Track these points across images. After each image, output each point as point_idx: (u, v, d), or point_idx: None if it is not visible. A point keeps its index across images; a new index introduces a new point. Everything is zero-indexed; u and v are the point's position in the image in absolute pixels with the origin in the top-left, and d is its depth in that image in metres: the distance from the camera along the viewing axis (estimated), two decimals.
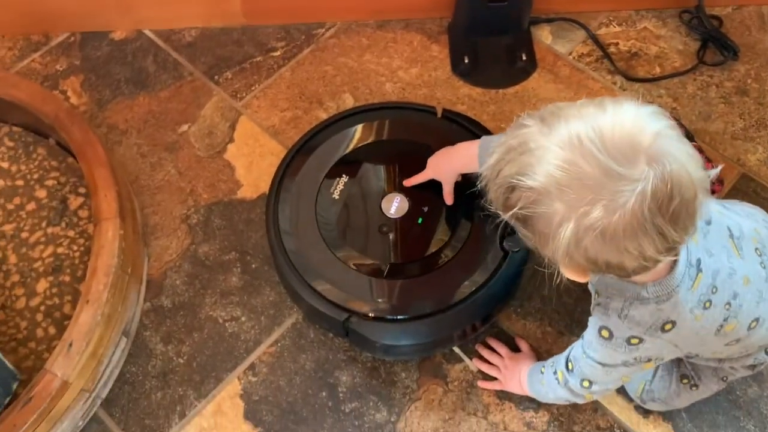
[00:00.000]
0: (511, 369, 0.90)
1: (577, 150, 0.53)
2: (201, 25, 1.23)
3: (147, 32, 1.23)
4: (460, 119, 1.02)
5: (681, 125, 1.06)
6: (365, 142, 1.00)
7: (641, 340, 0.67)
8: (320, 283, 0.89)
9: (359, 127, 1.01)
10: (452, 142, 0.90)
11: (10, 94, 1.02)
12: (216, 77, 1.18)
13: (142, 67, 1.19)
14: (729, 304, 0.67)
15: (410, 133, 1.00)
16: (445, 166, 0.91)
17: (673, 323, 0.65)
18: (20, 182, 1.05)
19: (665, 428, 0.89)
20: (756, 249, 0.72)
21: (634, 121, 0.54)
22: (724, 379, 0.82)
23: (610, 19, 1.23)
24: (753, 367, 0.82)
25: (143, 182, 1.08)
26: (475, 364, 0.93)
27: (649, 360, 0.70)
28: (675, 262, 0.62)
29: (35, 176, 1.06)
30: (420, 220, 0.93)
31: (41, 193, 1.04)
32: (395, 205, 0.94)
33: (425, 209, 0.94)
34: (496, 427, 0.90)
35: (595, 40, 1.20)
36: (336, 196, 0.95)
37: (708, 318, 0.67)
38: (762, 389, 0.91)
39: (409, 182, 0.95)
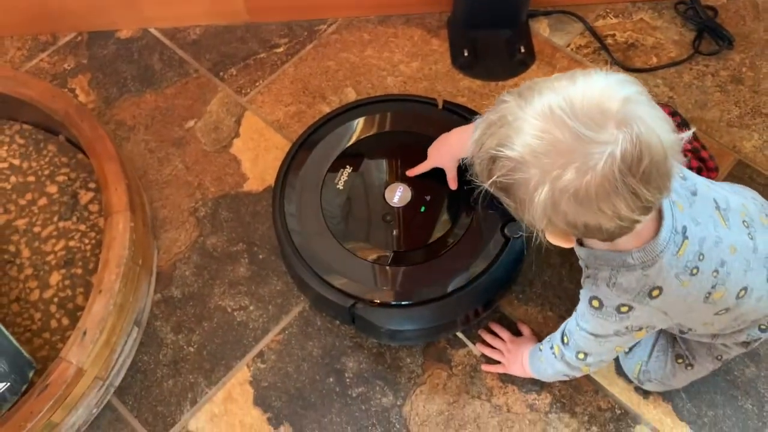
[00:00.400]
0: (513, 352, 0.92)
1: (549, 119, 0.56)
2: (205, 23, 1.25)
3: (152, 30, 1.25)
4: (460, 110, 1.04)
5: (677, 113, 1.08)
6: (368, 134, 1.02)
7: (630, 308, 0.69)
8: (326, 272, 0.91)
9: (361, 120, 1.03)
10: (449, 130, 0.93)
11: (21, 92, 1.05)
12: (221, 74, 1.20)
13: (148, 65, 1.22)
14: (716, 271, 0.69)
15: (412, 125, 1.02)
16: (445, 152, 0.94)
17: (660, 289, 0.67)
18: (32, 178, 1.07)
19: (665, 408, 0.91)
20: (743, 221, 0.74)
21: (602, 89, 0.57)
22: (719, 357, 0.84)
23: (606, 11, 1.25)
24: (746, 344, 0.83)
25: (151, 177, 1.10)
26: (478, 349, 0.95)
27: (641, 329, 0.72)
28: (659, 228, 0.65)
29: (46, 172, 1.08)
30: (423, 209, 0.95)
31: (52, 189, 1.07)
32: (398, 195, 0.96)
33: (428, 198, 0.96)
34: (499, 409, 0.92)
35: (593, 32, 1.22)
36: (340, 186, 0.97)
37: (695, 284, 0.69)
38: (759, 369, 0.93)
39: (412, 172, 0.97)
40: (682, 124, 1.05)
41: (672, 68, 1.18)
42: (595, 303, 0.71)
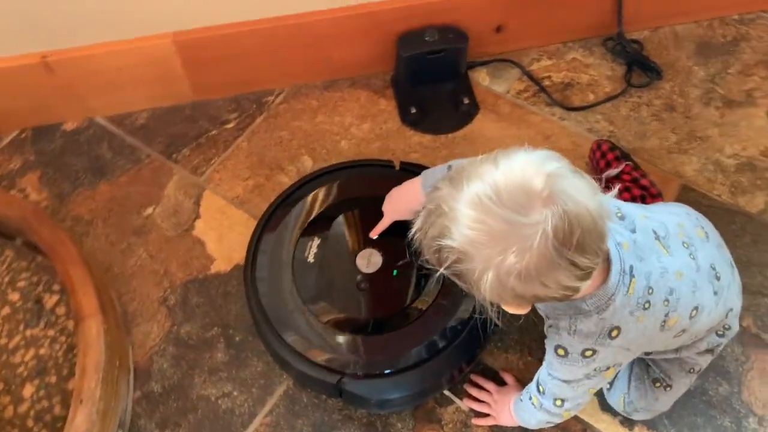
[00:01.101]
0: (500, 402, 0.94)
1: (479, 208, 0.59)
2: (151, 106, 1.25)
3: (99, 119, 1.24)
4: (416, 169, 1.06)
5: (616, 147, 1.13)
6: (330, 203, 1.03)
7: (594, 351, 0.72)
8: (307, 349, 0.92)
9: (322, 190, 1.05)
10: None
11: None
12: (174, 156, 1.20)
13: (98, 155, 1.20)
14: (667, 300, 0.73)
15: (373, 189, 1.03)
16: (399, 206, 0.96)
17: (618, 329, 0.71)
18: None
19: None
20: (683, 243, 0.78)
21: (524, 170, 0.60)
22: (692, 371, 0.88)
23: (540, 54, 1.31)
24: (710, 351, 0.88)
25: (116, 270, 1.09)
26: (465, 404, 0.97)
27: (608, 368, 0.75)
28: (608, 272, 0.68)
29: (6, 279, 1.05)
30: (395, 272, 0.97)
31: (14, 296, 1.04)
32: (369, 260, 0.98)
33: (398, 261, 0.98)
34: None
35: (530, 76, 1.28)
36: (311, 259, 0.98)
37: (649, 317, 0.72)
38: (731, 386, 0.98)
39: (374, 233, 0.99)
40: (621, 157, 1.10)
41: (609, 103, 1.24)
42: (561, 351, 0.74)
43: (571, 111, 1.24)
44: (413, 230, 0.66)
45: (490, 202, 0.58)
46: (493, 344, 1.01)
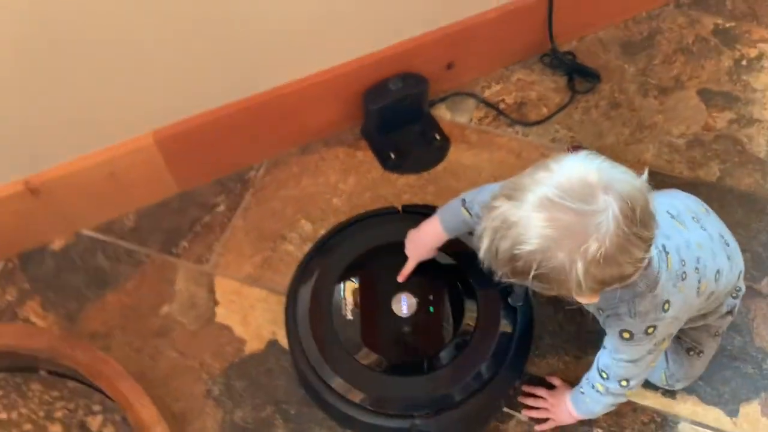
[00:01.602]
0: (556, 404, 1.00)
1: (551, 208, 0.67)
2: (137, 207, 1.25)
3: (85, 232, 1.23)
4: (418, 209, 1.13)
5: (584, 148, 1.25)
6: (351, 261, 1.07)
7: (655, 327, 0.81)
8: (372, 401, 0.95)
9: (338, 251, 1.08)
10: None
11: None
12: (173, 250, 1.20)
13: (96, 267, 1.19)
14: (697, 269, 0.83)
15: (385, 236, 1.09)
16: (421, 248, 1.02)
17: (668, 302, 0.80)
18: (28, 426, 1.01)
19: (694, 400, 1.04)
20: (693, 218, 0.90)
21: (578, 169, 0.68)
22: (716, 334, 0.99)
23: (488, 81, 1.41)
24: (730, 313, 0.98)
25: (150, 376, 1.08)
26: (524, 414, 1.03)
27: (664, 340, 0.84)
28: (650, 262, 0.77)
29: (41, 414, 1.02)
30: (431, 309, 1.02)
31: (56, 428, 1.01)
32: (405, 304, 1.02)
33: (431, 297, 1.03)
34: None
35: (485, 102, 1.38)
36: (350, 317, 1.02)
37: (688, 286, 0.82)
38: (744, 337, 1.09)
39: (401, 277, 1.04)
40: None
41: (561, 112, 1.35)
42: (626, 335, 0.82)
43: (531, 126, 1.34)
44: (481, 253, 0.71)
45: (559, 199, 0.65)
46: (531, 354, 1.08)
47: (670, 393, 1.04)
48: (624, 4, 1.47)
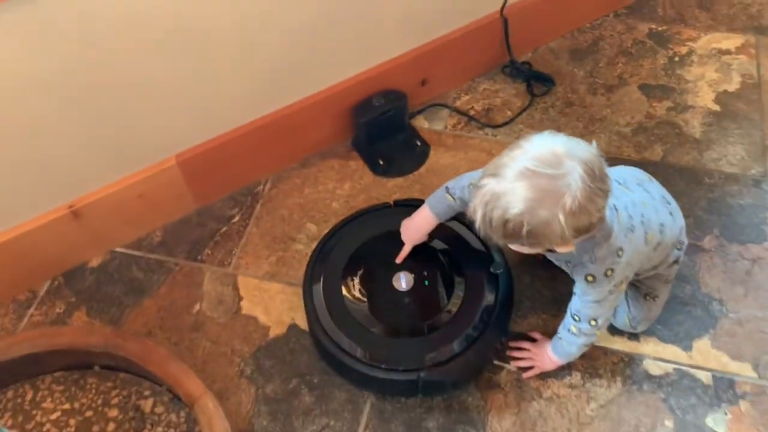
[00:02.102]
0: (539, 353, 1.18)
1: (529, 176, 0.85)
2: (162, 224, 1.42)
3: (119, 250, 1.40)
4: (408, 202, 1.32)
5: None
6: (354, 250, 1.25)
7: (612, 270, 0.99)
8: (384, 362, 1.12)
9: (344, 241, 1.27)
10: None
11: (54, 343, 1.16)
12: (198, 257, 1.38)
13: (132, 278, 1.36)
14: (642, 222, 1.02)
15: (382, 226, 1.27)
16: (415, 233, 1.20)
17: (621, 249, 0.98)
18: (89, 413, 1.17)
19: (654, 341, 1.22)
20: (637, 183, 1.09)
21: (545, 143, 0.87)
22: (667, 281, 1.18)
23: (458, 92, 1.62)
24: (676, 262, 1.17)
25: (189, 364, 1.23)
26: (513, 365, 1.20)
27: (621, 282, 1.02)
28: (604, 212, 0.94)
29: (99, 401, 1.18)
30: (426, 283, 1.21)
31: (113, 413, 1.17)
32: (404, 281, 1.21)
33: (425, 273, 1.21)
34: (551, 399, 1.17)
35: (457, 111, 1.58)
36: (358, 295, 1.20)
37: (636, 236, 1.01)
38: (692, 285, 1.28)
39: (399, 259, 1.22)
40: None
41: (524, 114, 1.56)
42: (590, 278, 1.00)
43: (499, 128, 1.54)
44: (477, 226, 0.90)
45: (534, 167, 0.84)
46: (514, 316, 1.26)
47: (634, 336, 1.23)
48: (569, 17, 1.70)
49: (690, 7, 1.76)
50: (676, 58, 1.65)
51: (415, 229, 1.20)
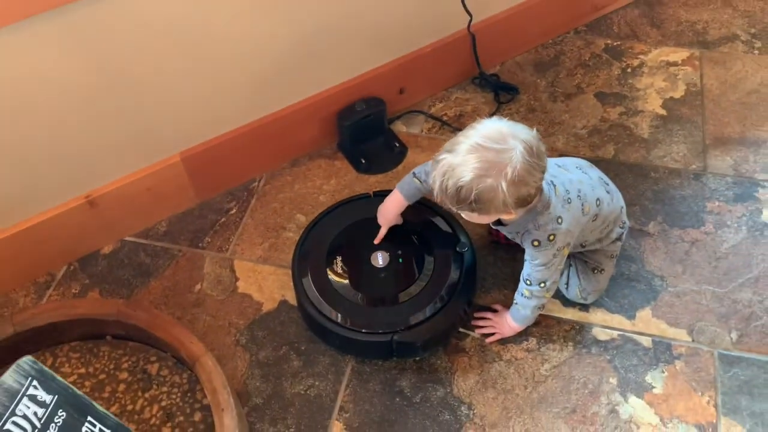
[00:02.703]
0: (500, 321, 1.35)
1: (479, 149, 1.02)
2: (167, 216, 1.59)
3: (128, 239, 1.56)
4: (385, 192, 1.48)
5: None
6: (338, 232, 1.42)
7: (554, 235, 1.15)
8: (362, 327, 1.28)
9: (328, 226, 1.43)
10: None
11: (72, 313, 1.31)
12: (200, 244, 1.54)
13: (140, 263, 1.52)
14: (578, 196, 1.18)
15: (362, 213, 1.44)
16: (389, 215, 1.36)
17: (560, 217, 1.14)
18: (102, 376, 1.32)
19: (602, 311, 1.38)
20: (576, 167, 1.26)
21: (493, 125, 1.05)
22: (612, 256, 1.34)
23: (433, 101, 1.80)
24: (619, 239, 1.33)
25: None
26: (477, 332, 1.36)
27: (564, 246, 1.18)
28: (542, 190, 1.11)
29: (111, 366, 1.33)
30: (400, 260, 1.37)
31: (123, 375, 1.32)
32: (380, 258, 1.37)
33: (399, 252, 1.38)
34: (510, 362, 1.33)
35: (432, 117, 1.76)
36: (340, 271, 1.36)
37: (573, 207, 1.17)
38: (637, 264, 1.45)
39: (377, 240, 1.38)
40: None
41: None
42: (536, 243, 1.17)
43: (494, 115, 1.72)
44: (435, 194, 1.07)
45: (483, 142, 1.01)
46: (478, 290, 1.42)
47: (584, 308, 1.39)
48: (533, 34, 1.89)
49: (642, 24, 1.95)
50: (629, 70, 1.84)
51: (389, 211, 1.36)
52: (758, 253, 1.45)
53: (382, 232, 1.38)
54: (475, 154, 1.02)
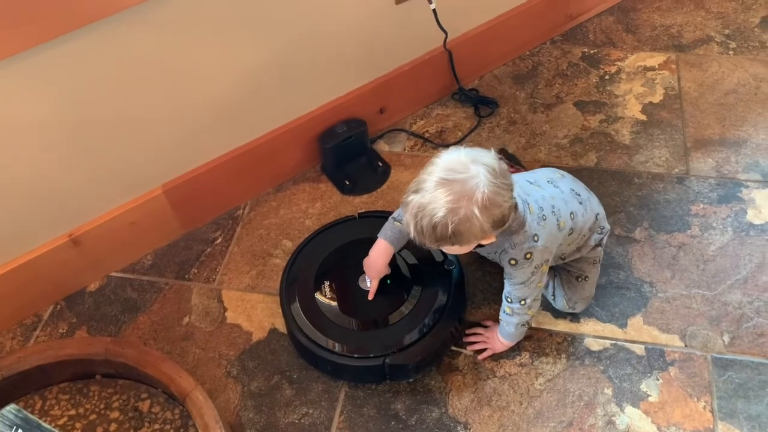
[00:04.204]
0: (490, 337, 1.34)
1: (445, 184, 1.01)
2: (152, 249, 1.58)
3: (114, 274, 1.55)
4: (370, 214, 1.49)
5: (507, 151, 1.63)
6: (325, 256, 1.41)
7: (531, 253, 1.15)
8: (357, 352, 1.27)
9: (315, 249, 1.43)
10: (373, 230, 1.34)
11: (60, 354, 1.30)
12: (186, 276, 1.53)
13: (127, 298, 1.51)
14: (553, 212, 1.18)
15: (349, 235, 1.44)
16: (378, 266, 1.32)
17: (537, 235, 1.14)
18: (93, 416, 1.31)
19: (593, 321, 1.38)
20: (548, 181, 1.25)
21: (452, 156, 1.04)
22: (595, 262, 1.33)
23: (414, 118, 1.80)
24: (599, 245, 1.32)
25: (182, 368, 1.38)
26: (469, 349, 1.36)
27: (542, 263, 1.18)
28: (516, 208, 1.10)
29: (102, 406, 1.32)
30: (388, 281, 1.36)
31: (115, 414, 1.31)
32: (368, 281, 1.36)
33: (387, 273, 1.37)
34: (504, 378, 1.32)
35: (414, 134, 1.76)
36: (329, 296, 1.35)
37: (549, 223, 1.16)
38: (626, 272, 1.45)
39: (370, 296, 1.34)
40: (510, 162, 1.59)
41: (473, 133, 1.75)
42: (513, 261, 1.16)
43: (450, 146, 1.72)
44: (412, 237, 1.05)
45: (447, 175, 1.01)
46: (468, 306, 1.42)
47: (575, 318, 1.39)
48: (510, 47, 1.90)
49: (618, 31, 1.97)
50: (607, 77, 1.85)
51: (376, 262, 1.32)
52: (745, 253, 1.45)
53: (374, 285, 1.34)
54: (442, 189, 1.01)
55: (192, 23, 1.28)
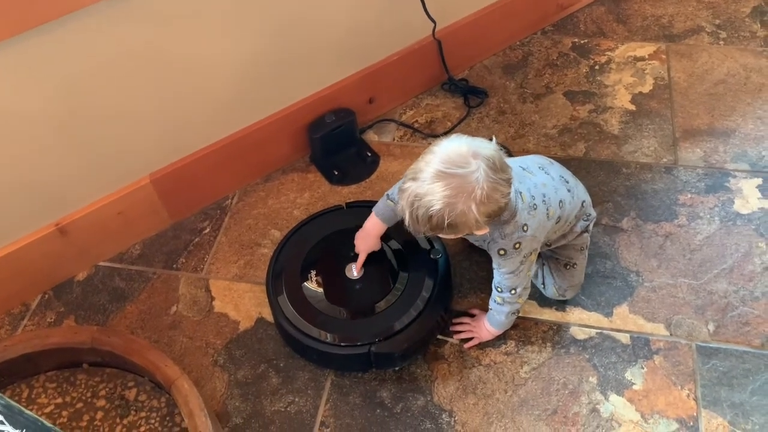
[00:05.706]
0: (477, 326, 1.34)
1: (442, 177, 1.00)
2: (141, 239, 1.58)
3: (102, 264, 1.55)
4: (358, 204, 1.48)
5: (503, 147, 1.63)
6: (312, 245, 1.42)
7: (520, 243, 1.15)
8: (340, 340, 1.28)
9: (302, 239, 1.43)
10: (361, 219, 1.35)
11: (46, 343, 1.30)
12: (174, 266, 1.53)
13: (114, 288, 1.51)
14: (543, 201, 1.18)
15: (337, 224, 1.44)
16: (368, 240, 1.34)
17: (526, 224, 1.14)
18: (80, 404, 1.31)
19: (579, 310, 1.38)
20: (539, 167, 1.25)
21: (452, 146, 1.03)
22: (582, 249, 1.33)
23: (404, 108, 1.80)
24: (585, 231, 1.32)
25: (169, 357, 1.39)
26: (455, 338, 1.36)
27: (531, 253, 1.18)
28: (509, 197, 1.10)
29: (88, 394, 1.32)
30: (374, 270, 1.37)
31: (101, 402, 1.31)
32: (354, 270, 1.36)
33: (373, 262, 1.37)
34: (489, 366, 1.32)
35: (403, 124, 1.76)
36: (315, 285, 1.36)
37: (539, 213, 1.16)
38: (612, 261, 1.45)
39: (357, 269, 1.36)
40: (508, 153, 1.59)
41: (462, 123, 1.74)
42: (502, 252, 1.16)
43: (440, 137, 1.72)
44: (406, 223, 1.05)
45: (446, 169, 0.99)
46: (456, 296, 1.42)
47: (561, 307, 1.39)
48: (500, 37, 1.90)
49: (608, 21, 1.96)
50: (597, 67, 1.84)
51: (368, 237, 1.34)
52: (731, 243, 1.46)
53: (362, 258, 1.36)
54: (441, 182, 1.00)
55: (179, 13, 1.28)
